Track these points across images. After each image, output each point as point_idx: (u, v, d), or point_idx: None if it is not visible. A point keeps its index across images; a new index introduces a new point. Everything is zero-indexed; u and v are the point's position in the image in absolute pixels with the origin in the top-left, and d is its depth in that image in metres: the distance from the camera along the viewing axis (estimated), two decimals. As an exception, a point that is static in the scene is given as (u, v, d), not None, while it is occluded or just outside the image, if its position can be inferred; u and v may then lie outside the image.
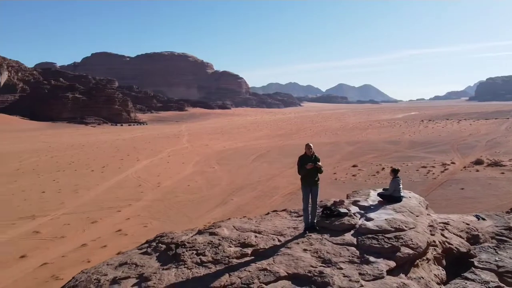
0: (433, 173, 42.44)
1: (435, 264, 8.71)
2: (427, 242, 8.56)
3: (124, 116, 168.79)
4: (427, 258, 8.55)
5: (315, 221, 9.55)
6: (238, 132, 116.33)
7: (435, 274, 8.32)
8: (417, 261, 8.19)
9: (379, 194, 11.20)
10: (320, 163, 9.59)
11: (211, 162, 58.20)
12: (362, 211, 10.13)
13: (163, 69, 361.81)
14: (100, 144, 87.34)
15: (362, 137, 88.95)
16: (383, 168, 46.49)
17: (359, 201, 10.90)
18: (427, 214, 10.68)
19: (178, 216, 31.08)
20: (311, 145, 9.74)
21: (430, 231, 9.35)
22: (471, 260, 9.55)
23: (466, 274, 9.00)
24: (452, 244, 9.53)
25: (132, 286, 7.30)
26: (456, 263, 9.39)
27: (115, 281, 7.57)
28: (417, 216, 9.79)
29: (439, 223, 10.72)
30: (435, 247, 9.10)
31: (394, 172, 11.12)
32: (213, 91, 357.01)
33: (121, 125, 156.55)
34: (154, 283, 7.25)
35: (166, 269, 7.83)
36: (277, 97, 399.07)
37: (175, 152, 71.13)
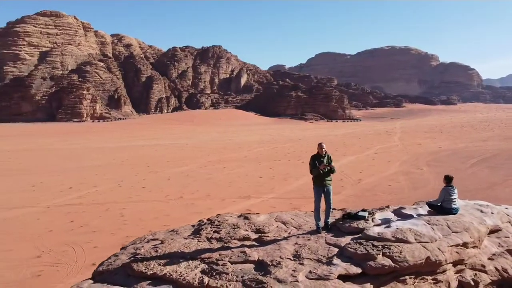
0: None
1: None
2: (427, 260, 7.75)
3: (340, 112, 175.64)
4: (435, 279, 7.90)
5: (328, 220, 9.63)
6: (461, 131, 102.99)
7: None
8: (407, 277, 7.67)
9: (428, 204, 9.97)
10: (333, 163, 9.49)
11: (420, 162, 54.34)
12: (396, 219, 9.39)
13: (382, 65, 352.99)
14: (314, 139, 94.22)
15: None
16: None
17: (404, 208, 10.11)
18: (505, 237, 9.08)
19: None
20: (324, 144, 9.66)
21: (493, 254, 8.30)
22: None
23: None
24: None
25: (152, 245, 8.77)
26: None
27: (149, 240, 9.29)
28: (454, 232, 8.40)
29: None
30: (480, 272, 8.30)
31: (447, 179, 9.51)
32: (436, 85, 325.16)
33: (336, 121, 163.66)
34: (162, 245, 8.51)
35: (185, 238, 9.01)
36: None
37: (383, 150, 69.64)
